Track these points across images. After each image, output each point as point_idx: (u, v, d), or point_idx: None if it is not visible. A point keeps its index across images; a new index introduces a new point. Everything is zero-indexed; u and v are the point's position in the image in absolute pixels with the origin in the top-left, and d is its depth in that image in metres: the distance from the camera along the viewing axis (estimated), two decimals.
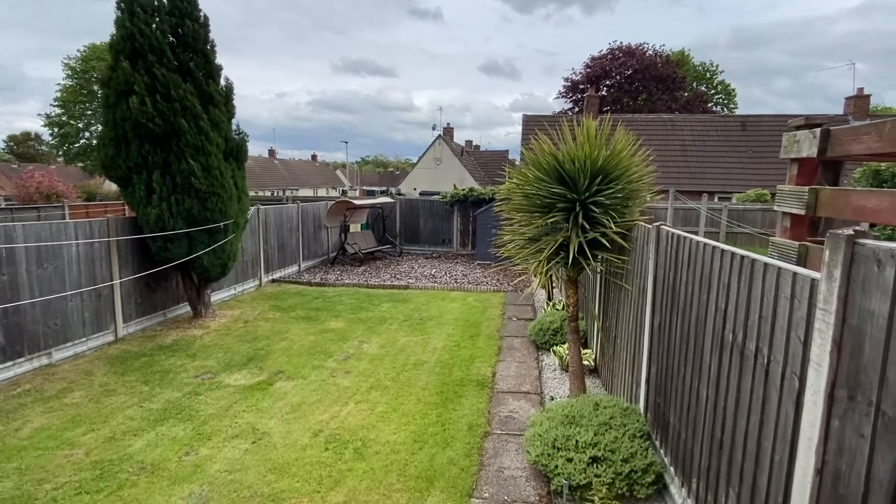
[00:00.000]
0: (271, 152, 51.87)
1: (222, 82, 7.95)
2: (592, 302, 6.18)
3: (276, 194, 35.33)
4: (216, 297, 9.37)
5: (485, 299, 9.92)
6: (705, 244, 2.85)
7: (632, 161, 4.68)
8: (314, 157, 62.17)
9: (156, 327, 7.79)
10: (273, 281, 11.42)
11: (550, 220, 4.58)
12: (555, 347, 6.22)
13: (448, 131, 34.95)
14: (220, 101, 7.71)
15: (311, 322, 8.19)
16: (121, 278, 7.17)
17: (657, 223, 3.75)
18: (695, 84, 36.57)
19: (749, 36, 76.10)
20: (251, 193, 11.24)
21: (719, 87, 39.29)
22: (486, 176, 34.56)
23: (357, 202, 14.53)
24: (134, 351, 6.75)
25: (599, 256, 4.67)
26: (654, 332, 3.77)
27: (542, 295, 10.06)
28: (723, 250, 2.63)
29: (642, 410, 3.99)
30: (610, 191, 4.45)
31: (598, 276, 5.68)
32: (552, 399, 5.01)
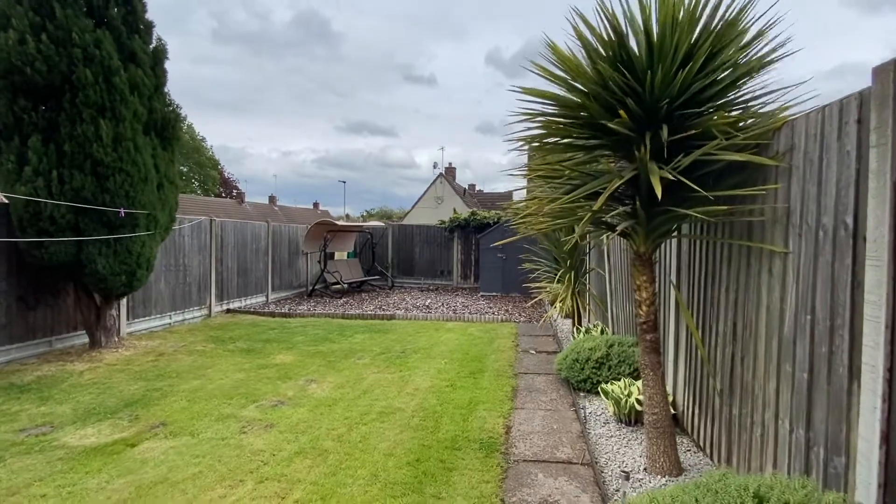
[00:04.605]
0: (271, 199, 50.93)
1: (154, 43, 6.21)
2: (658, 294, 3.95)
3: None
4: (140, 325, 7.15)
5: (490, 329, 7.62)
6: None
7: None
8: (316, 205, 61.28)
9: (29, 360, 5.54)
10: (228, 311, 9.19)
11: (610, 140, 2.48)
12: (604, 386, 3.92)
13: (450, 171, 33.57)
14: (144, 60, 5.90)
15: (250, 356, 5.91)
16: None
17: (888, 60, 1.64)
18: None
19: None
20: None
21: None
22: None
23: (341, 224, 12.53)
24: None
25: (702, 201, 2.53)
26: None
27: (566, 325, 7.78)
28: None
29: None
30: (728, 70, 2.39)
31: (676, 243, 3.50)
32: (626, 477, 2.67)
